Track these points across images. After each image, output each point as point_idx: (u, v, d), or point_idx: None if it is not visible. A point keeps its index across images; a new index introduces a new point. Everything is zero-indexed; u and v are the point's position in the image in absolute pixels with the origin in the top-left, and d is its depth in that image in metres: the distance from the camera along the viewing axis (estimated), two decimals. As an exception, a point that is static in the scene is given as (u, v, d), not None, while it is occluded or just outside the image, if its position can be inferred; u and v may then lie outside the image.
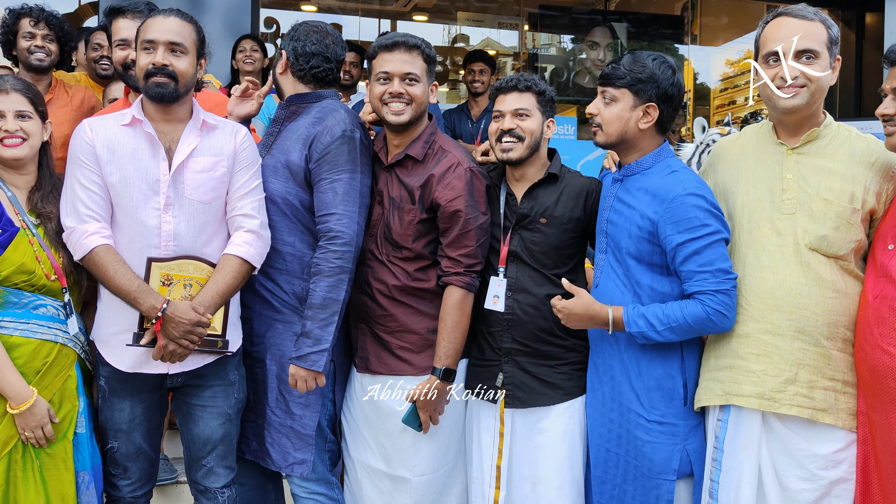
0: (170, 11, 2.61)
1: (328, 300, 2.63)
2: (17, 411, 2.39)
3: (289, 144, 2.76)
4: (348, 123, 2.76)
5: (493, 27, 8.50)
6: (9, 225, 2.46)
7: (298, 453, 2.73)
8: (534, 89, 2.74)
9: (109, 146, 2.54)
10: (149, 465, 2.72)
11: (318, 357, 2.62)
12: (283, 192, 2.73)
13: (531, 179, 2.78)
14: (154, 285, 2.49)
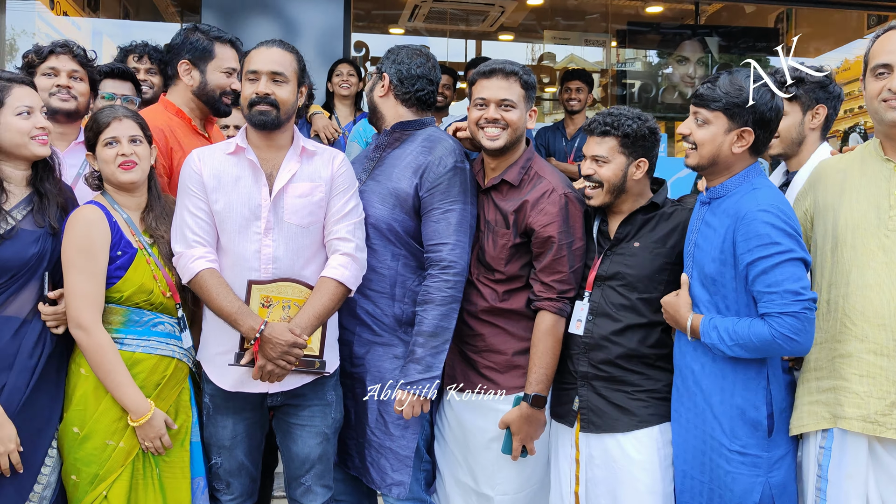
0: (272, 42, 2.72)
1: (440, 328, 2.70)
2: (137, 423, 2.51)
3: (397, 172, 2.82)
4: (458, 154, 2.84)
5: (579, 44, 8.47)
6: (128, 247, 2.59)
7: (396, 474, 2.78)
8: (613, 133, 2.68)
9: (215, 174, 2.65)
10: (250, 481, 2.81)
11: (428, 383, 2.68)
12: (388, 219, 2.79)
13: (626, 212, 2.76)
14: (254, 307, 2.58)
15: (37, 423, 2.50)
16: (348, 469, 2.91)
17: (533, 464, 2.82)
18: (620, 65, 8.42)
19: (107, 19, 7.58)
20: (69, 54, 2.99)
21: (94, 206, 2.59)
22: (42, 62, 2.97)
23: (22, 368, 2.48)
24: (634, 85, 8.34)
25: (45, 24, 6.47)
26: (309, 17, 5.55)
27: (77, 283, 2.50)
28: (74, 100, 2.96)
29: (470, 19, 8.33)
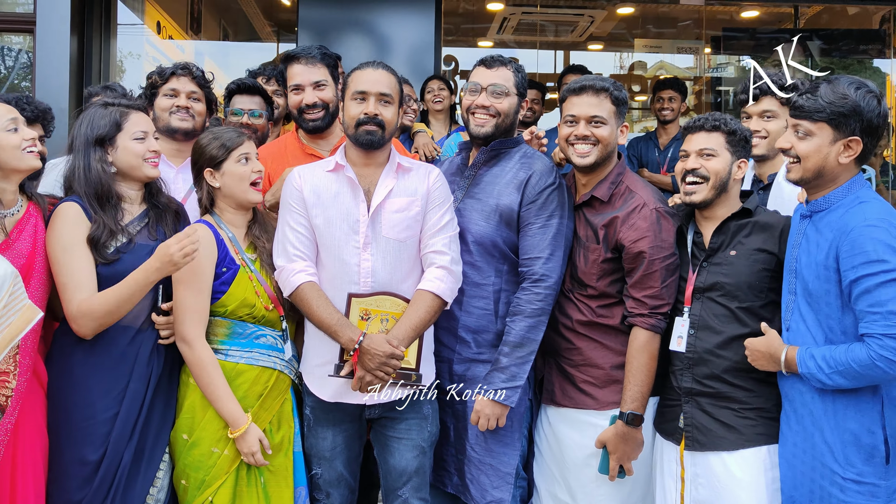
0: (377, 64, 2.79)
1: (527, 339, 2.71)
2: (234, 435, 2.61)
3: (498, 189, 2.85)
4: (556, 170, 2.87)
5: (671, 52, 8.32)
6: (231, 263, 2.70)
7: (496, 491, 2.78)
8: (722, 129, 2.66)
9: (316, 191, 2.73)
10: (349, 492, 2.86)
11: (511, 393, 2.69)
12: (493, 236, 2.81)
13: (720, 218, 2.70)
14: (353, 320, 2.64)
15: (154, 428, 2.62)
16: (445, 487, 2.92)
17: (633, 482, 2.78)
18: (713, 70, 8.22)
19: (208, 41, 7.91)
20: (189, 76, 3.16)
21: (203, 224, 2.71)
22: (164, 83, 3.15)
23: (140, 375, 2.60)
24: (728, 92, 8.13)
25: (152, 47, 6.81)
26: (400, 33, 5.65)
27: (185, 298, 2.61)
28: (192, 119, 3.13)
29: (559, 30, 8.30)
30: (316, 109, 3.11)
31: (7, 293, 2.16)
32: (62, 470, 2.52)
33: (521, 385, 2.71)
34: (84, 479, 2.52)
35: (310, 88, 3.11)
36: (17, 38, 6.46)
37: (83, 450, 2.52)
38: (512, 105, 2.89)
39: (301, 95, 3.12)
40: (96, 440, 2.53)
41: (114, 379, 2.57)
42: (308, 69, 3.12)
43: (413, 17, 5.67)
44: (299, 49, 3.21)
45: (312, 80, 3.11)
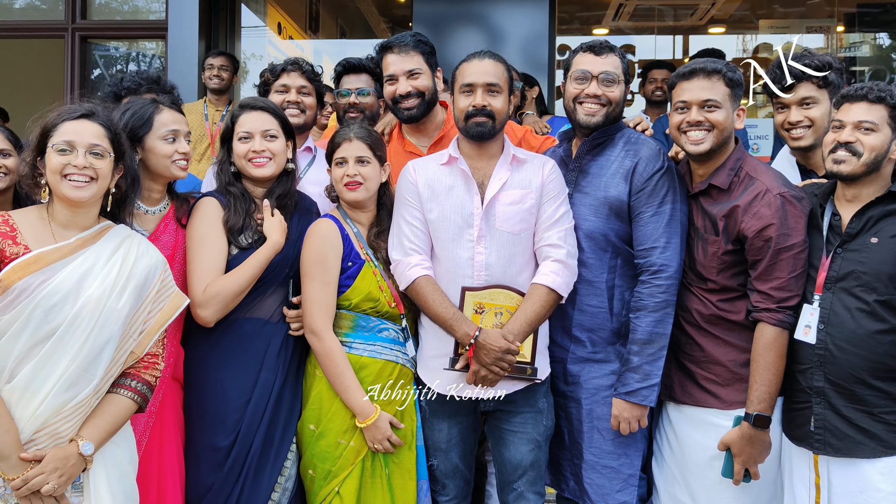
0: (484, 54, 2.76)
1: (655, 335, 2.63)
2: (364, 425, 2.65)
3: (605, 181, 2.77)
4: (663, 153, 2.75)
5: (799, 32, 7.89)
6: (357, 258, 2.75)
7: (620, 495, 2.71)
8: (888, 101, 2.45)
9: (430, 184, 2.74)
10: (465, 483, 2.87)
11: (648, 392, 2.62)
12: (603, 229, 2.75)
13: (865, 200, 2.50)
14: (468, 313, 2.64)
15: (283, 418, 2.71)
16: (562, 492, 2.87)
17: (759, 487, 2.64)
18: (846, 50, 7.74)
19: (325, 40, 8.13)
20: (298, 71, 3.25)
21: (329, 219, 2.77)
22: (275, 80, 3.24)
23: (271, 366, 2.69)
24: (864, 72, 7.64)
25: (274, 47, 7.05)
26: (514, 23, 5.61)
27: (312, 291, 2.68)
28: (303, 113, 3.23)
29: (678, 14, 8.03)
30: (410, 98, 3.08)
31: (159, 280, 2.32)
32: (194, 454, 2.65)
33: (657, 383, 2.64)
34: (215, 465, 2.63)
35: (403, 78, 3.08)
36: (150, 44, 6.84)
37: (215, 436, 2.63)
38: (622, 92, 2.80)
39: (395, 85, 3.10)
40: (227, 427, 2.63)
41: (246, 369, 2.66)
42: (401, 58, 3.10)
43: (527, 7, 5.62)
44: (393, 38, 3.18)
45: (406, 69, 3.08)
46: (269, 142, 2.75)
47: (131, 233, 2.36)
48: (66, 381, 2.11)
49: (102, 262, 2.21)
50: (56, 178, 2.19)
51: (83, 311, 2.13)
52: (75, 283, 2.15)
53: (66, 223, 2.24)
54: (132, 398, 2.26)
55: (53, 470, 2.08)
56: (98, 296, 2.16)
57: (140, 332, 2.28)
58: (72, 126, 2.23)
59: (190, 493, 2.62)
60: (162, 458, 2.57)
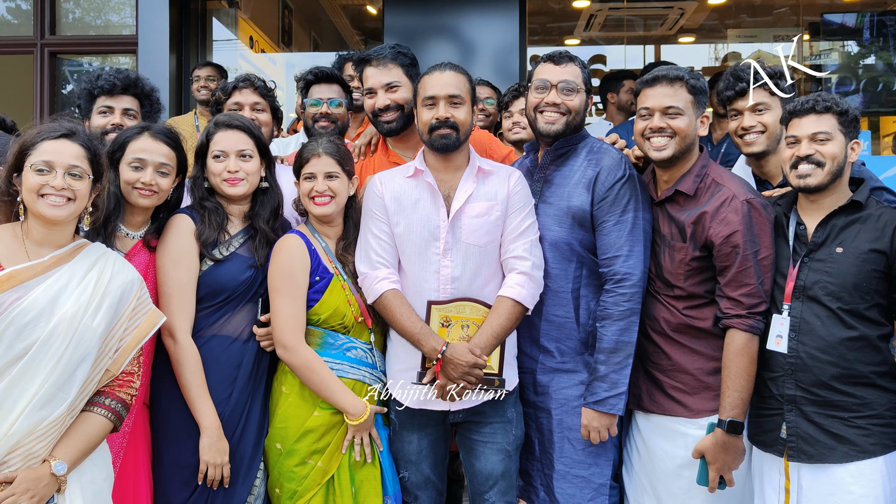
0: (445, 66, 2.78)
1: (621, 343, 2.65)
2: (356, 423, 2.64)
3: (568, 190, 2.79)
4: (625, 163, 2.77)
5: (767, 41, 8.00)
6: (325, 272, 2.74)
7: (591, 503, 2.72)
8: (834, 109, 2.52)
9: (396, 197, 2.75)
10: (437, 495, 2.87)
11: (616, 401, 2.63)
12: (567, 238, 2.76)
13: (828, 208, 2.56)
14: (434, 327, 2.65)
15: (254, 437, 2.69)
16: (531, 503, 2.86)
17: (729, 493, 2.66)
18: (815, 58, 7.86)
19: (298, 52, 8.12)
20: (251, 87, 3.20)
21: (296, 234, 2.77)
22: (227, 98, 3.20)
23: (243, 386, 2.68)
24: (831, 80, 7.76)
25: (246, 61, 7.04)
26: (485, 35, 5.64)
27: (281, 306, 2.67)
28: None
29: (648, 24, 8.11)
30: (389, 112, 3.07)
31: (135, 297, 2.30)
32: (162, 473, 2.63)
33: (624, 391, 2.65)
34: (184, 483, 2.61)
35: (382, 91, 3.06)
36: (123, 58, 6.81)
37: (183, 454, 2.61)
38: (582, 102, 2.82)
39: (374, 99, 3.09)
40: (197, 445, 2.60)
41: (218, 388, 2.64)
42: (380, 71, 3.08)
43: (497, 18, 5.65)
44: (371, 51, 3.16)
45: (384, 82, 3.07)
46: (243, 161, 2.74)
47: (106, 251, 2.35)
48: (39, 401, 2.08)
49: (77, 280, 2.20)
50: (33, 196, 2.18)
51: (57, 329, 2.11)
52: (49, 302, 2.13)
53: (41, 241, 2.23)
54: (107, 416, 2.24)
55: (24, 491, 2.05)
56: (72, 314, 2.14)
57: (115, 349, 2.25)
58: (51, 146, 2.21)
59: None
60: (137, 476, 2.55)
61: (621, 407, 2.65)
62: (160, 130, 2.71)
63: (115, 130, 3.06)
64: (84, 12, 6.79)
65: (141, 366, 2.39)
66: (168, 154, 2.68)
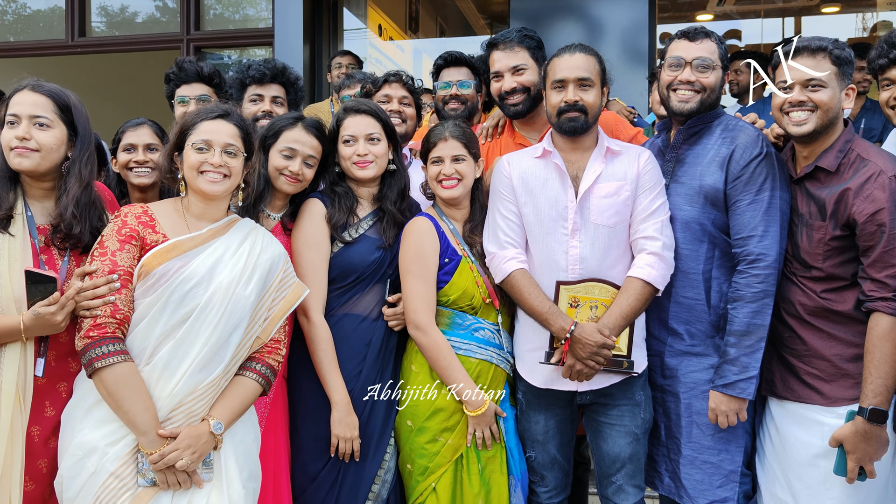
0: (575, 48, 2.76)
1: (753, 326, 2.57)
2: (474, 414, 2.69)
3: (700, 169, 2.72)
4: (763, 139, 2.67)
5: (922, 6, 7.41)
6: (453, 254, 2.80)
7: (721, 490, 2.66)
8: None
9: (524, 178, 2.76)
10: (563, 475, 2.88)
11: (746, 385, 2.57)
12: (700, 218, 2.70)
13: None
14: (563, 307, 2.65)
15: (382, 414, 2.78)
16: (655, 489, 2.84)
17: (868, 488, 2.52)
18: None
19: (425, 39, 8.24)
20: (400, 82, 3.32)
21: (425, 217, 2.84)
22: (377, 91, 3.32)
23: (372, 363, 2.78)
24: None
25: (375, 49, 7.21)
26: (613, 14, 5.53)
27: (413, 287, 2.74)
28: (404, 123, 3.28)
29: (788, -6, 7.70)
30: (516, 94, 3.11)
31: (281, 270, 2.48)
32: (298, 444, 2.77)
33: (755, 375, 2.57)
34: (318, 454, 2.73)
35: (508, 74, 3.11)
36: (259, 50, 7.13)
37: (318, 427, 2.73)
38: (718, 79, 2.74)
39: (501, 82, 3.14)
40: (329, 419, 2.71)
41: (349, 365, 2.75)
42: (506, 55, 3.13)
43: (626, -4, 5.53)
44: (498, 35, 3.21)
45: (510, 65, 3.11)
46: (372, 145, 2.82)
47: (256, 226, 2.53)
48: (199, 363, 2.26)
49: (231, 252, 2.38)
50: (193, 173, 2.37)
51: (215, 296, 2.29)
52: (207, 271, 2.31)
53: (200, 215, 2.42)
54: (258, 381, 2.41)
55: (187, 447, 2.23)
56: (228, 283, 2.31)
57: (265, 318, 2.43)
58: (209, 125, 2.40)
59: (295, 482, 2.74)
60: (277, 443, 2.70)
61: (751, 391, 2.57)
62: (312, 123, 2.85)
63: (265, 117, 3.28)
64: (223, 7, 7.15)
65: (286, 335, 2.55)
66: (316, 147, 2.82)
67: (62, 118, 2.40)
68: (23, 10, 7.69)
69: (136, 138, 3.04)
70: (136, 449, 2.24)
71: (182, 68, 3.46)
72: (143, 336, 2.27)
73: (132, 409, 2.20)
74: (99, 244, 2.32)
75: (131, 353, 2.26)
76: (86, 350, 2.22)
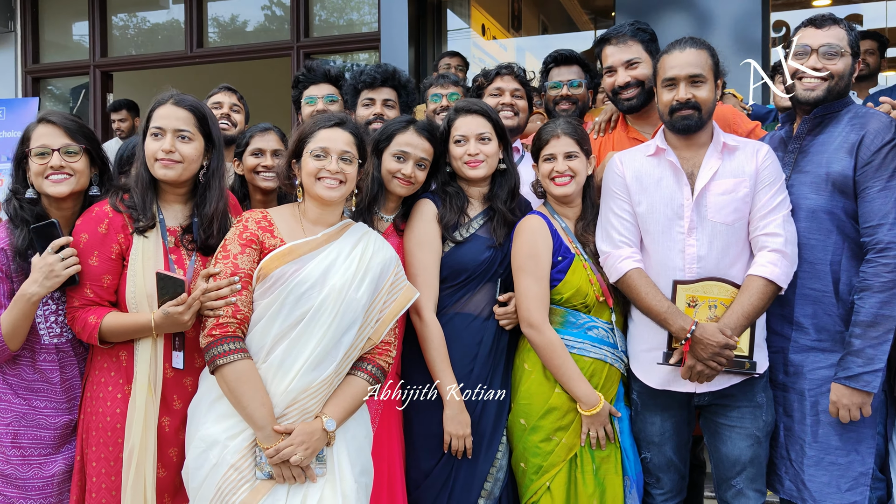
0: (685, 43, 2.70)
1: (880, 317, 2.48)
2: (588, 413, 2.68)
3: (827, 157, 2.63)
4: (895, 126, 2.57)
5: None
6: (566, 252, 2.79)
7: (850, 494, 2.56)
8: None
9: (637, 176, 2.73)
10: (679, 478, 2.83)
11: (871, 378, 2.47)
12: (827, 207, 2.62)
13: None
14: (680, 306, 2.60)
15: (494, 412, 2.80)
16: (776, 492, 2.75)
17: None
18: None
19: (527, 37, 8.20)
20: (511, 75, 3.33)
21: (537, 215, 2.84)
22: (489, 84, 3.34)
23: (484, 361, 2.79)
24: None
25: (478, 48, 7.23)
26: (723, 3, 5.36)
27: (526, 285, 2.75)
28: (516, 116, 3.30)
29: (916, -27, 7.25)
30: (629, 89, 3.07)
31: (392, 274, 2.54)
32: (411, 441, 2.81)
33: (881, 368, 2.48)
34: (432, 451, 2.77)
35: (622, 69, 3.07)
36: (363, 54, 7.28)
37: (431, 424, 2.76)
38: (847, 66, 2.64)
39: (614, 77, 3.10)
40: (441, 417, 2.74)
41: (460, 364, 2.77)
42: (619, 49, 3.09)
43: (737, -16, 5.34)
44: (610, 30, 3.17)
45: (624, 59, 3.07)
46: (483, 144, 2.84)
47: (368, 230, 2.59)
48: (312, 362, 2.34)
49: (344, 256, 2.45)
50: (311, 179, 2.46)
51: (328, 298, 2.36)
52: (321, 274, 2.39)
53: (315, 220, 2.50)
54: (368, 380, 2.47)
55: (301, 443, 2.31)
56: (340, 286, 2.38)
57: (376, 320, 2.49)
58: (326, 133, 2.48)
59: (409, 477, 2.79)
60: (391, 439, 2.75)
61: (876, 384, 2.47)
62: (423, 126, 2.89)
63: (377, 120, 3.35)
64: (328, 14, 7.34)
65: (397, 337, 2.60)
66: (427, 149, 2.86)
67: (201, 130, 2.54)
68: (143, 23, 8.12)
69: (264, 143, 3.17)
70: (255, 443, 2.33)
71: (311, 70, 3.63)
72: (260, 335, 2.36)
73: (250, 404, 2.29)
74: (222, 247, 2.44)
75: (250, 352, 2.35)
76: (209, 348, 2.33)
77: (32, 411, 2.54)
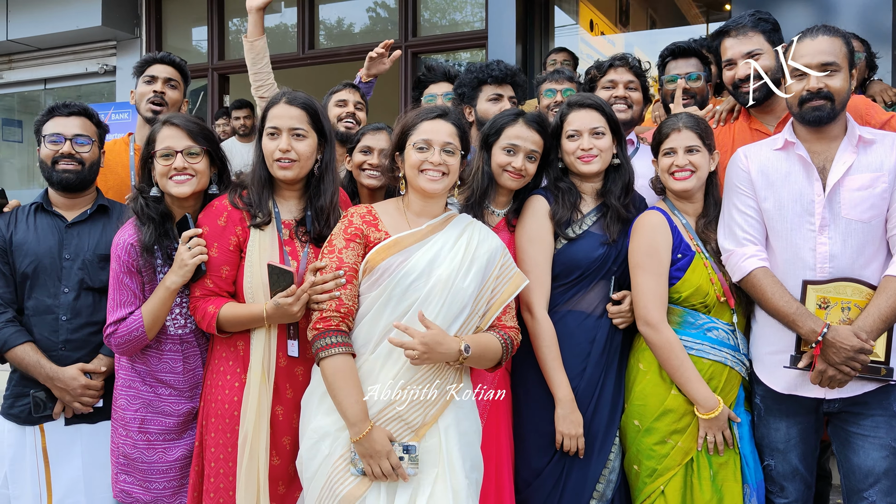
0: (817, 31, 2.57)
1: None
2: (706, 417, 2.60)
3: None
4: None
5: None
6: (687, 249, 2.71)
7: None
8: None
9: (764, 171, 2.62)
10: (805, 488, 2.71)
11: None
12: None
13: None
14: (810, 308, 2.48)
15: (607, 412, 2.75)
16: None
17: None
18: None
19: (636, 32, 8.03)
20: (626, 66, 3.26)
21: (657, 211, 2.77)
22: (602, 76, 3.29)
23: (597, 361, 2.75)
24: None
25: (586, 44, 7.13)
26: (849, -10, 5.09)
27: (644, 283, 2.68)
28: (630, 109, 3.22)
29: None
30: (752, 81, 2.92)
31: (499, 263, 2.53)
32: (521, 439, 2.79)
33: None
34: (543, 449, 2.74)
35: (742, 61, 2.94)
36: (465, 53, 7.29)
37: (542, 422, 2.74)
38: None
39: (734, 70, 2.98)
40: (553, 415, 2.70)
41: (572, 362, 2.73)
42: (739, 41, 2.96)
43: (872, -30, 5.06)
44: (729, 21, 3.05)
45: (744, 51, 2.94)
46: (596, 139, 2.79)
47: (472, 220, 2.59)
48: None
49: (449, 246, 2.45)
50: (414, 171, 2.47)
51: (434, 288, 2.37)
52: (427, 265, 2.39)
53: (419, 212, 2.51)
54: (500, 341, 2.46)
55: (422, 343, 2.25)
56: (447, 276, 2.39)
57: (484, 310, 2.48)
58: (429, 125, 2.48)
59: (518, 476, 2.77)
60: (499, 436, 2.74)
61: None
62: (533, 118, 2.86)
63: None
64: (431, 13, 7.39)
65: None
66: (537, 141, 2.83)
67: (314, 126, 2.60)
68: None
69: (373, 142, 3.21)
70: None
71: (431, 69, 3.72)
72: (368, 328, 2.38)
73: (344, 399, 2.31)
74: (328, 242, 2.48)
75: (357, 345, 2.38)
76: (313, 341, 2.38)
77: (158, 399, 2.68)
